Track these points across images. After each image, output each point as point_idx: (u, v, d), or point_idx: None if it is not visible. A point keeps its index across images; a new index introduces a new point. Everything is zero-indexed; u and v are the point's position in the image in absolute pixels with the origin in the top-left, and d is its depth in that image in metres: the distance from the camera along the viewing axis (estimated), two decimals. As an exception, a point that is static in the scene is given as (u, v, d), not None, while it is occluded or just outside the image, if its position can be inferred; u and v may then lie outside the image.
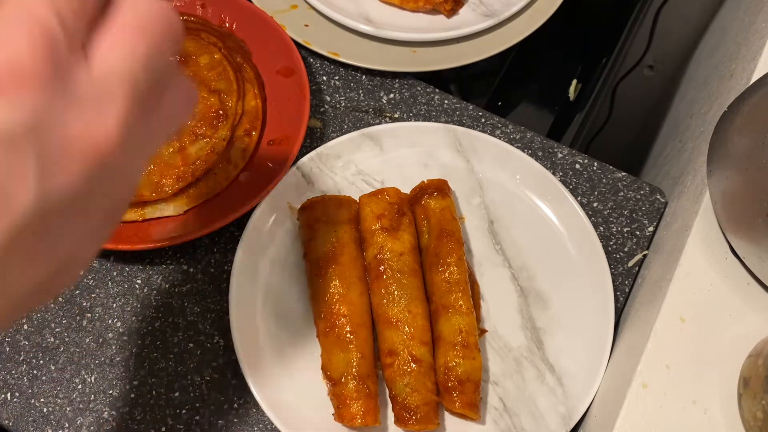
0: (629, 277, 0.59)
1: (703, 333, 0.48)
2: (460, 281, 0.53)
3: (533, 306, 0.57)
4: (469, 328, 0.52)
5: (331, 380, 0.51)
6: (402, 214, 0.56)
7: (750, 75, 0.57)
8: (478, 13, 0.67)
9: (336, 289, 0.53)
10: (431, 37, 0.66)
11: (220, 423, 0.54)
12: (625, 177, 0.62)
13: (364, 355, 0.51)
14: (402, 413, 0.50)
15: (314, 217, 0.55)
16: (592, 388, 0.53)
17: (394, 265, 0.53)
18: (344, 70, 0.67)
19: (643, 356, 0.47)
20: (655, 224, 0.61)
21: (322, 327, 0.53)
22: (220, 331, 0.57)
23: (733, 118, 0.48)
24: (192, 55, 0.60)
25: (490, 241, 0.59)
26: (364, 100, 0.65)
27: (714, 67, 0.76)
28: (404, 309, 0.52)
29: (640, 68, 1.10)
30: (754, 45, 0.60)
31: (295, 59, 0.61)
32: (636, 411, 0.46)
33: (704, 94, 0.74)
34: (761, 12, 0.64)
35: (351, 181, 0.60)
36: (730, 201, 0.48)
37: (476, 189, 0.60)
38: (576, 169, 0.63)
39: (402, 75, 0.66)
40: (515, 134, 0.64)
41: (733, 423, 0.45)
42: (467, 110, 0.65)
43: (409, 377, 0.50)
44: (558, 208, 0.59)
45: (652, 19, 1.00)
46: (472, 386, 0.51)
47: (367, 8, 0.67)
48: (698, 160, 0.59)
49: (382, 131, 0.61)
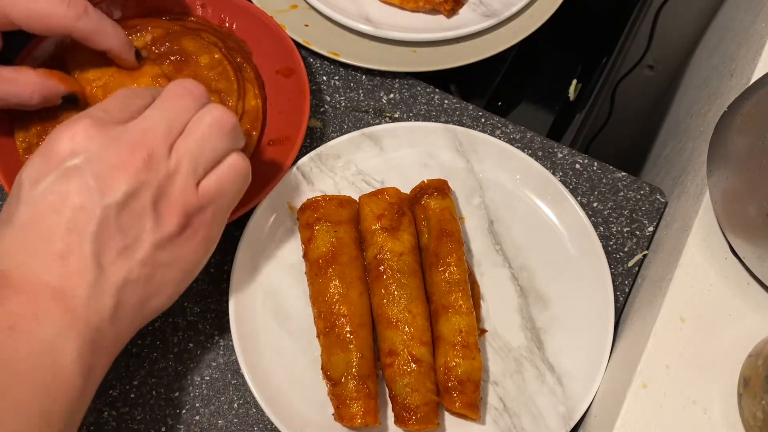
0: (629, 277, 0.59)
1: (703, 333, 0.48)
2: (460, 281, 0.53)
3: (533, 306, 0.57)
4: (469, 328, 0.52)
5: (331, 380, 0.51)
6: (402, 214, 0.56)
7: (750, 75, 0.57)
8: (478, 13, 0.67)
9: (336, 289, 0.53)
10: (431, 37, 0.66)
11: (220, 423, 0.54)
12: (625, 177, 0.63)
13: (364, 355, 0.52)
14: (402, 413, 0.50)
15: (314, 217, 0.55)
16: (592, 388, 0.53)
17: (394, 265, 0.53)
18: (344, 70, 0.67)
19: (643, 356, 0.47)
20: (655, 224, 0.61)
21: (322, 327, 0.53)
22: (220, 331, 0.57)
23: (733, 118, 0.48)
24: (192, 54, 0.60)
25: (490, 241, 0.59)
26: (364, 100, 0.65)
27: (714, 67, 0.76)
28: (404, 309, 0.52)
29: (640, 68, 1.10)
30: (754, 45, 0.60)
31: (295, 59, 0.61)
32: (636, 411, 0.46)
33: (704, 94, 0.74)
34: (761, 12, 0.64)
35: (351, 181, 0.60)
36: (730, 201, 0.48)
37: (476, 189, 0.60)
38: (576, 169, 0.63)
39: (402, 75, 0.66)
40: (515, 134, 0.64)
41: (733, 423, 0.45)
42: (467, 110, 0.65)
43: (409, 377, 0.50)
44: (558, 208, 0.59)
45: (652, 19, 1.00)
46: (472, 386, 0.51)
47: (367, 8, 0.67)
48: (698, 160, 0.59)
49: (382, 131, 0.61)
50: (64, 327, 0.41)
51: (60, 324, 0.41)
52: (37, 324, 0.40)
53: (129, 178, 0.43)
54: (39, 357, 0.40)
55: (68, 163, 0.42)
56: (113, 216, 0.42)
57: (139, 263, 0.44)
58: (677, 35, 1.04)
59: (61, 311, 0.41)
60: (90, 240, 0.42)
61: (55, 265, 0.41)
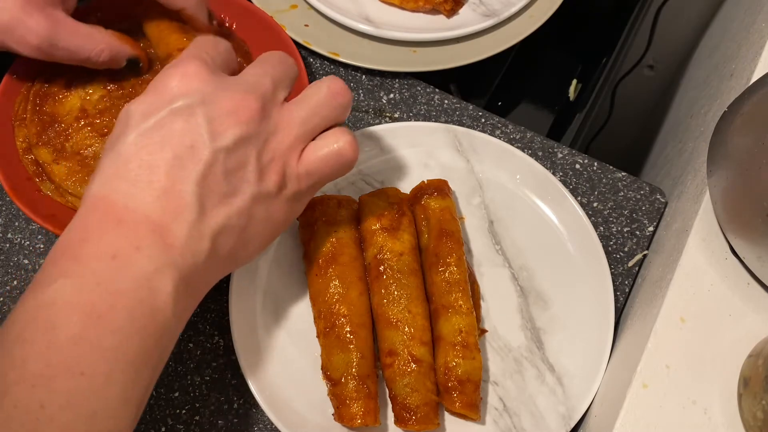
0: (629, 277, 0.59)
1: (703, 333, 0.48)
2: (460, 281, 0.53)
3: (533, 306, 0.57)
4: (469, 328, 0.52)
5: (331, 380, 0.51)
6: (402, 214, 0.56)
7: (750, 75, 0.57)
8: (478, 13, 0.67)
9: (336, 289, 0.53)
10: (431, 37, 0.66)
11: (220, 423, 0.54)
12: (625, 177, 0.63)
13: (364, 355, 0.52)
14: (402, 413, 0.50)
15: (314, 217, 0.55)
16: (592, 388, 0.53)
17: (394, 265, 0.53)
18: (344, 70, 0.67)
19: (643, 356, 0.47)
20: (655, 224, 0.61)
21: (322, 327, 0.53)
22: (220, 331, 0.57)
23: (733, 118, 0.48)
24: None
25: (490, 241, 0.59)
26: (364, 100, 0.65)
27: (714, 67, 0.76)
28: (404, 309, 0.52)
29: (640, 68, 1.10)
30: (754, 45, 0.60)
31: (295, 59, 0.61)
32: (636, 411, 0.46)
33: (704, 94, 0.74)
34: (761, 12, 0.64)
35: (351, 181, 0.60)
36: (730, 201, 0.48)
37: (476, 189, 0.60)
38: (576, 169, 0.63)
39: (402, 75, 0.66)
40: (515, 134, 0.64)
41: (733, 423, 0.45)
42: (467, 110, 0.65)
43: (409, 377, 0.50)
44: (558, 208, 0.59)
45: (652, 19, 1.00)
46: (472, 386, 0.51)
47: (367, 8, 0.67)
48: (698, 160, 0.59)
49: (382, 131, 0.61)
50: (163, 263, 0.40)
51: (159, 260, 0.40)
52: (139, 256, 0.40)
53: (240, 126, 0.43)
54: (138, 290, 0.39)
55: (180, 102, 0.42)
56: (221, 160, 0.42)
57: (237, 212, 0.43)
58: (677, 35, 1.04)
59: (161, 247, 0.40)
60: (195, 180, 0.41)
61: (158, 200, 0.41)
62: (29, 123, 0.57)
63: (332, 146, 0.47)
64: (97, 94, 0.58)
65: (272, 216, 0.46)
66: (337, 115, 0.47)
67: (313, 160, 0.46)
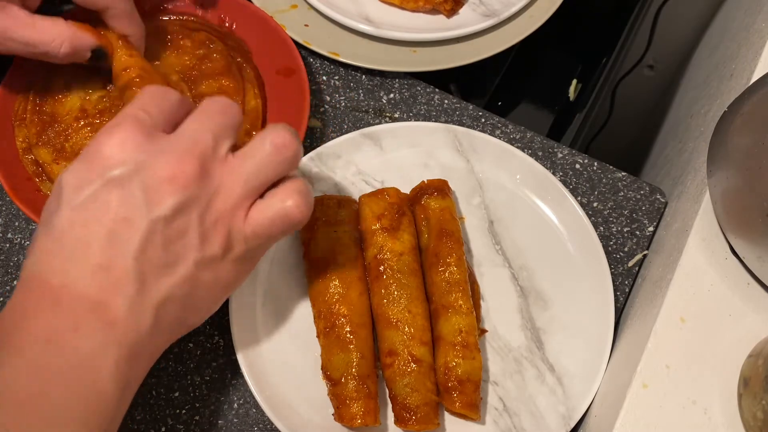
0: (629, 277, 0.59)
1: (703, 333, 0.48)
2: (460, 281, 0.53)
3: (533, 306, 0.57)
4: (469, 328, 0.52)
5: (331, 380, 0.51)
6: (402, 214, 0.56)
7: (750, 75, 0.57)
8: (478, 13, 0.67)
9: (336, 289, 0.53)
10: (431, 37, 0.66)
11: (220, 423, 0.54)
12: (625, 177, 0.63)
13: (364, 355, 0.52)
14: (402, 413, 0.50)
15: (314, 217, 0.55)
16: (592, 388, 0.53)
17: (394, 265, 0.53)
18: (344, 70, 0.67)
19: (643, 356, 0.47)
20: (655, 224, 0.61)
21: (322, 327, 0.53)
22: (220, 331, 0.57)
23: (733, 118, 0.48)
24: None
25: (490, 241, 0.59)
26: (364, 100, 0.65)
27: (714, 67, 0.76)
28: (404, 309, 0.52)
29: (640, 68, 1.10)
30: (754, 45, 0.60)
31: (295, 59, 0.61)
32: (636, 411, 0.46)
33: (704, 94, 0.74)
34: (761, 12, 0.64)
35: (351, 181, 0.60)
36: (730, 201, 0.48)
37: (476, 189, 0.60)
38: (576, 169, 0.63)
39: (402, 75, 0.66)
40: (515, 134, 0.64)
41: (733, 423, 0.45)
42: (467, 110, 0.65)
43: (409, 377, 0.50)
44: (558, 208, 0.59)
45: (652, 19, 1.00)
46: (472, 386, 0.51)
47: (367, 8, 0.67)
48: (698, 160, 0.59)
49: (382, 131, 0.61)
50: (103, 341, 0.39)
51: (99, 338, 0.39)
52: (76, 337, 0.39)
53: (178, 192, 0.41)
54: (77, 370, 0.39)
55: (114, 172, 0.40)
56: (159, 230, 0.40)
57: (180, 281, 0.42)
58: (677, 35, 1.04)
59: (101, 325, 0.39)
60: (132, 254, 0.40)
61: (95, 277, 0.39)
62: (29, 123, 0.57)
63: (278, 207, 0.44)
64: (96, 94, 0.58)
65: (220, 279, 0.44)
66: (283, 169, 0.44)
67: (260, 222, 0.44)
